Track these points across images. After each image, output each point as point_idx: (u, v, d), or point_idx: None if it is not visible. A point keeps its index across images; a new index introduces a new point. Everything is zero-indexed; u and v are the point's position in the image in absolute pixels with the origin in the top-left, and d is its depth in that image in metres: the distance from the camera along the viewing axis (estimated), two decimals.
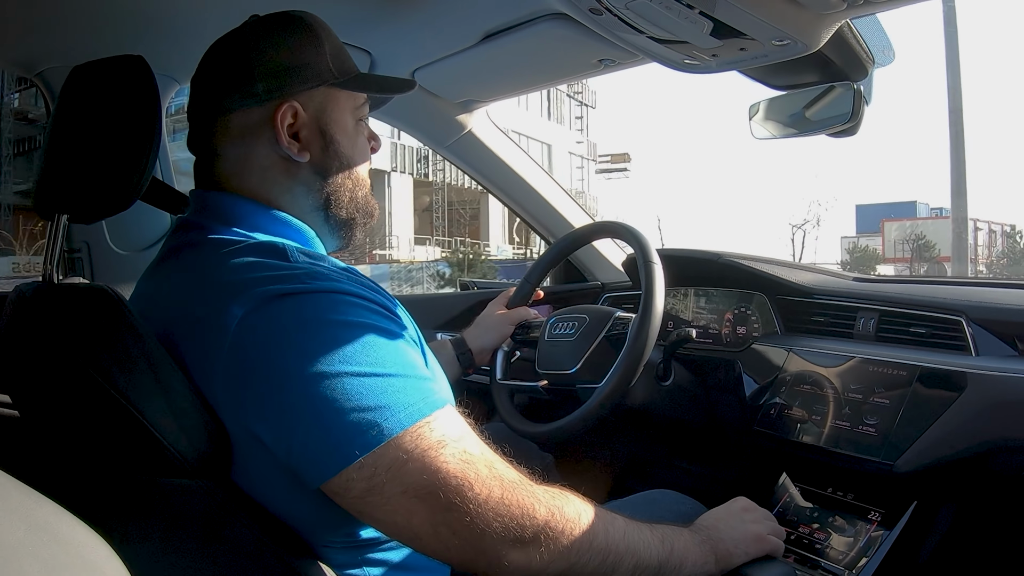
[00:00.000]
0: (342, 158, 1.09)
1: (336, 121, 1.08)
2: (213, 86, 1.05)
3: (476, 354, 1.73)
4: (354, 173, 1.11)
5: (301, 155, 1.04)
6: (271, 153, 1.04)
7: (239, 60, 1.04)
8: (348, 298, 0.89)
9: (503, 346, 1.79)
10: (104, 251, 1.77)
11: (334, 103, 1.08)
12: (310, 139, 1.05)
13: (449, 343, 1.72)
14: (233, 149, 1.04)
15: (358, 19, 1.59)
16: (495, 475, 0.87)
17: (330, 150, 1.07)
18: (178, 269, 1.02)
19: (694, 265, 1.95)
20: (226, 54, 1.06)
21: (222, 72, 1.05)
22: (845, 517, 1.43)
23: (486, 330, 1.78)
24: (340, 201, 1.10)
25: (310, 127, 1.05)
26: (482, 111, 2.18)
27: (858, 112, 1.44)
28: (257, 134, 1.03)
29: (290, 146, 1.03)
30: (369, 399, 0.83)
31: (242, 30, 1.06)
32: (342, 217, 1.11)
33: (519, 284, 1.88)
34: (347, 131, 1.10)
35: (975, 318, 1.43)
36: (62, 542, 0.43)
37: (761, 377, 1.68)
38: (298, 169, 1.05)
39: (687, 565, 1.03)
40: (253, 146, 1.04)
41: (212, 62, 1.06)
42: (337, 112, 1.08)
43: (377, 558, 0.98)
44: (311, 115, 1.05)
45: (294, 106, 1.03)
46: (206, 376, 0.88)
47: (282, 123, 1.02)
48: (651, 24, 1.20)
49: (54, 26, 1.53)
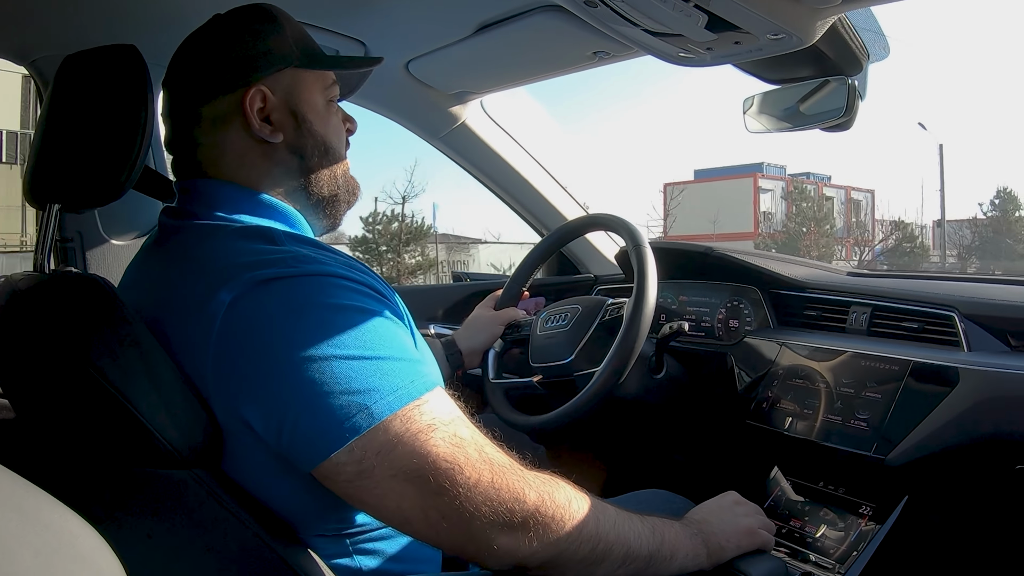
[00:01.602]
0: (315, 135, 1.10)
1: (306, 101, 1.10)
2: (183, 84, 1.07)
3: (466, 355, 1.73)
4: (331, 150, 1.13)
5: (274, 136, 1.06)
6: (246, 138, 1.05)
7: (204, 54, 1.06)
8: (337, 280, 0.89)
9: (493, 347, 1.79)
10: (97, 241, 1.76)
11: (302, 84, 1.09)
12: (282, 120, 1.07)
13: (439, 343, 1.72)
14: (210, 138, 1.06)
15: (352, 9, 1.59)
16: (485, 458, 0.87)
17: (303, 129, 1.09)
18: (164, 256, 1.02)
19: (687, 258, 1.95)
20: (191, 52, 1.08)
21: (189, 69, 1.07)
22: (836, 511, 1.43)
23: (476, 331, 1.78)
24: (320, 179, 1.11)
25: (280, 109, 1.07)
26: (475, 103, 2.18)
27: (852, 106, 1.45)
28: (230, 122, 1.05)
29: (262, 128, 1.05)
30: (358, 382, 0.83)
31: (204, 28, 1.09)
32: (324, 194, 1.12)
33: (507, 285, 1.88)
34: (317, 110, 1.11)
35: (967, 313, 1.44)
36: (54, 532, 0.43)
37: (753, 370, 1.69)
38: (273, 150, 1.07)
39: (678, 556, 1.03)
40: (228, 133, 1.05)
41: (179, 62, 1.08)
42: (306, 92, 1.10)
43: (368, 547, 0.98)
44: (280, 97, 1.07)
45: (262, 90, 1.05)
46: (196, 363, 0.88)
47: (251, 107, 1.04)
48: (646, 17, 1.20)
49: (47, 14, 1.52)
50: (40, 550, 0.40)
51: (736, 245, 2.68)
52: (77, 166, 0.97)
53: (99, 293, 0.89)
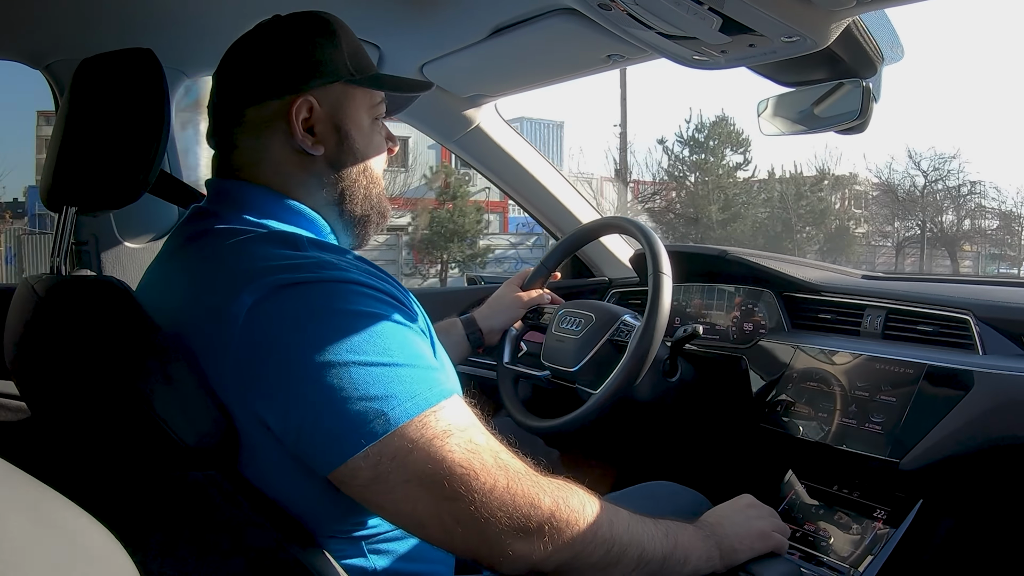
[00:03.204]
0: (356, 153, 1.10)
1: (351, 117, 1.09)
2: (232, 81, 1.07)
3: (486, 334, 1.74)
4: (368, 170, 1.12)
5: (315, 148, 1.06)
6: (286, 146, 1.05)
7: (257, 56, 1.06)
8: (357, 287, 0.90)
9: (513, 328, 1.79)
10: (112, 244, 1.77)
11: (350, 100, 1.09)
12: (325, 134, 1.07)
13: (460, 322, 1.73)
14: (250, 141, 1.06)
15: (367, 13, 1.59)
16: (500, 465, 0.87)
17: (344, 145, 1.09)
18: (188, 258, 1.02)
19: (701, 261, 1.95)
20: (246, 51, 1.07)
21: (241, 68, 1.07)
22: (850, 514, 1.43)
23: (499, 311, 1.79)
24: (355, 197, 1.11)
25: (325, 122, 1.07)
26: (490, 106, 2.18)
27: (867, 109, 1.44)
28: (273, 127, 1.05)
29: (304, 139, 1.05)
30: (376, 388, 0.84)
31: (263, 27, 1.08)
32: (356, 214, 1.12)
33: (536, 267, 1.88)
34: (362, 128, 1.11)
35: (982, 316, 1.43)
36: (68, 534, 0.44)
37: (767, 374, 1.68)
38: (312, 163, 1.07)
39: (691, 559, 1.03)
40: (269, 138, 1.05)
41: (232, 58, 1.08)
42: (352, 109, 1.10)
43: (382, 549, 0.98)
44: (326, 110, 1.07)
45: (309, 100, 1.05)
46: (216, 365, 0.89)
47: (297, 117, 1.04)
48: (660, 20, 1.20)
49: (62, 18, 1.54)
50: (52, 551, 0.40)
51: None
52: (94, 169, 0.97)
53: (115, 295, 0.90)
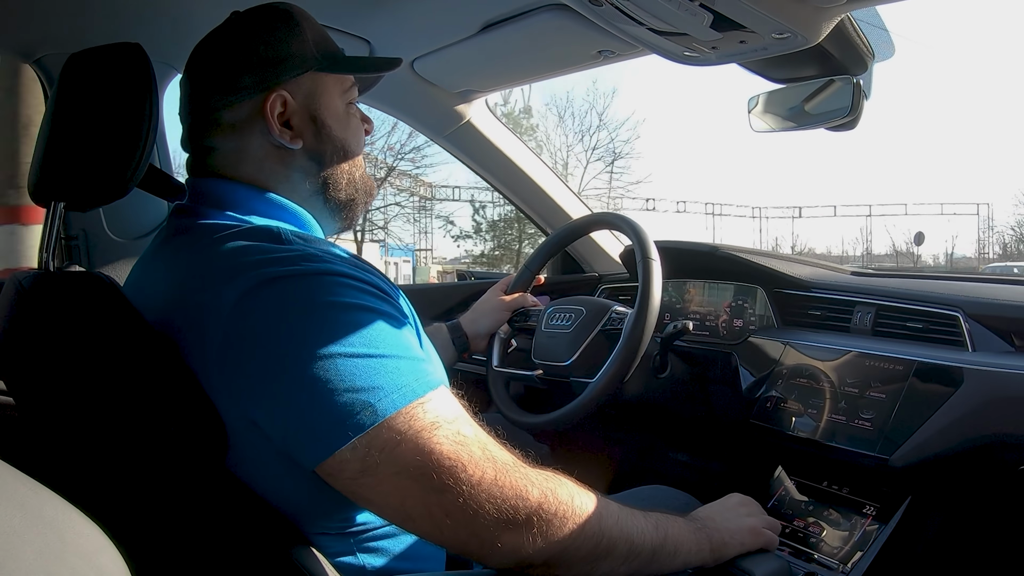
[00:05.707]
0: (335, 141, 1.10)
1: (326, 106, 1.09)
2: (202, 85, 1.06)
3: (472, 339, 1.73)
4: (349, 155, 1.13)
5: (294, 142, 1.06)
6: (265, 143, 1.05)
7: (224, 57, 1.05)
8: (342, 279, 0.89)
9: (499, 332, 1.78)
10: (101, 239, 1.77)
11: (322, 88, 1.09)
12: (302, 126, 1.07)
13: (445, 327, 1.72)
14: (227, 143, 1.06)
15: (357, 8, 1.59)
16: (488, 456, 0.87)
17: (322, 135, 1.09)
18: (171, 255, 1.02)
19: (691, 257, 1.95)
20: (211, 53, 1.07)
21: (209, 71, 1.06)
22: (840, 511, 1.43)
23: (483, 315, 1.78)
24: (339, 184, 1.12)
25: (300, 114, 1.07)
26: (480, 101, 2.18)
27: (857, 106, 1.44)
28: (249, 126, 1.05)
29: (282, 134, 1.05)
30: (362, 380, 0.83)
31: (224, 27, 1.08)
32: (342, 199, 1.13)
33: (519, 271, 1.88)
34: (338, 115, 1.11)
35: (972, 314, 1.43)
36: (58, 530, 0.43)
37: (757, 370, 1.68)
38: (292, 157, 1.07)
39: (681, 552, 1.03)
40: (247, 138, 1.05)
41: (198, 62, 1.08)
42: (326, 97, 1.10)
43: (372, 546, 0.98)
44: (300, 102, 1.07)
45: (283, 95, 1.05)
46: (202, 360, 0.88)
47: (272, 113, 1.04)
48: (651, 16, 1.20)
49: (52, 12, 1.53)
50: (43, 548, 0.40)
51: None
52: (82, 164, 0.97)
53: (102, 290, 0.90)
